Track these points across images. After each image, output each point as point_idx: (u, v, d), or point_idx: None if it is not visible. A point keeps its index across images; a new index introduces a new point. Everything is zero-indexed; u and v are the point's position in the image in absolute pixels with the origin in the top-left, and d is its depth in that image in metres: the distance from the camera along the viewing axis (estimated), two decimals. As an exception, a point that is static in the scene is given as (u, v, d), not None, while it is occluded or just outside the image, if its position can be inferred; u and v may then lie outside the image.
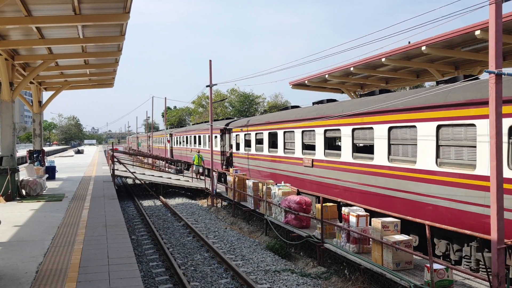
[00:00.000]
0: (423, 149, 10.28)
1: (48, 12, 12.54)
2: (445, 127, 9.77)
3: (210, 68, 21.96)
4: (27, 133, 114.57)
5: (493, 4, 6.61)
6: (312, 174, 15.46)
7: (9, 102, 16.23)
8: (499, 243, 6.70)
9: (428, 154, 10.14)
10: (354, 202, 11.18)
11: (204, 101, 68.63)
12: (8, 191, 15.71)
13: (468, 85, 9.37)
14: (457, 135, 9.53)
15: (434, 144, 9.95)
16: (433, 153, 9.97)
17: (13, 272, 7.56)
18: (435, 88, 10.40)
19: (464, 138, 9.30)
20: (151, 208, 21.92)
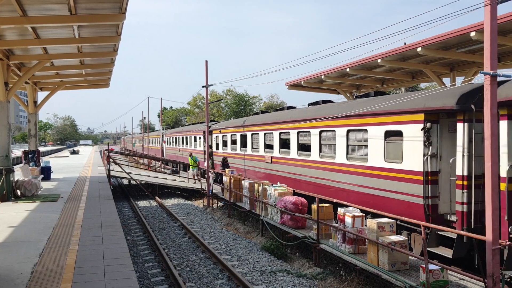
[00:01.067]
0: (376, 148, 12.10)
1: (43, 12, 12.50)
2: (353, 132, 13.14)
3: (206, 69, 21.95)
4: (22, 134, 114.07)
5: (488, 6, 6.65)
6: (273, 169, 18.47)
7: (4, 102, 16.16)
8: (494, 244, 6.74)
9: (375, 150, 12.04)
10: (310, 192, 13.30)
11: (200, 102, 68.60)
12: (3, 191, 15.64)
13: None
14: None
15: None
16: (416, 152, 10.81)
17: (8, 273, 7.52)
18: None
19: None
20: (146, 208, 21.88)
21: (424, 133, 10.34)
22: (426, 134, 10.32)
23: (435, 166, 10.36)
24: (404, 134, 11.04)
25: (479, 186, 9.03)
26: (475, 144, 9.57)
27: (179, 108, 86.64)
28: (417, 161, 10.57)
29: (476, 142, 9.56)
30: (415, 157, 10.65)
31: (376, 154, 12.08)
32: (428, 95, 10.49)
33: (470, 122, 9.72)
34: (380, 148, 11.91)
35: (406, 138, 10.98)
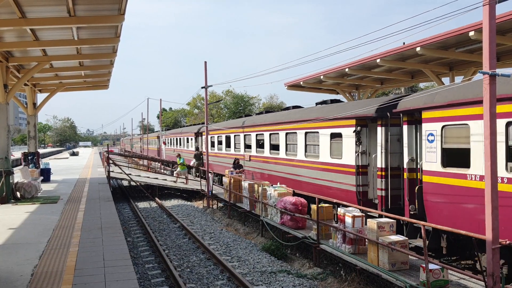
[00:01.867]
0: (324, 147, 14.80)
1: (42, 13, 12.49)
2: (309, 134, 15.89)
3: (205, 70, 21.96)
4: (22, 135, 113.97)
5: (487, 5, 6.66)
6: (251, 166, 21.40)
7: (3, 104, 16.16)
8: (494, 243, 6.74)
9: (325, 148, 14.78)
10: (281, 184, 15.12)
11: (199, 103, 68.61)
12: (3, 193, 15.64)
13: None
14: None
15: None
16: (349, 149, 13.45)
17: (8, 275, 7.52)
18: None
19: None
20: (146, 210, 21.87)
21: (356, 135, 13.00)
22: (357, 136, 12.99)
23: (364, 161, 13.03)
24: (343, 135, 13.70)
25: (393, 176, 11.93)
26: (390, 143, 12.10)
27: (179, 109, 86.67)
28: (351, 157, 13.23)
29: (391, 142, 12.13)
30: (350, 153, 13.29)
31: (324, 152, 14.80)
32: (359, 104, 13.40)
33: (386, 126, 12.17)
34: (327, 147, 14.64)
35: (344, 139, 13.65)
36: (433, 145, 10.16)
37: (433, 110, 10.11)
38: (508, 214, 8.24)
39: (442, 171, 9.87)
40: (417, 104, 10.63)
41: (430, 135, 10.24)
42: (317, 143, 15.36)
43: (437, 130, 10.02)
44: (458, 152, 9.67)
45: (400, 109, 11.18)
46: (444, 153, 9.93)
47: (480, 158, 8.64)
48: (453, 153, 9.89)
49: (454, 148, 9.80)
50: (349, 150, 13.37)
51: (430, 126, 10.25)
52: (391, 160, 12.07)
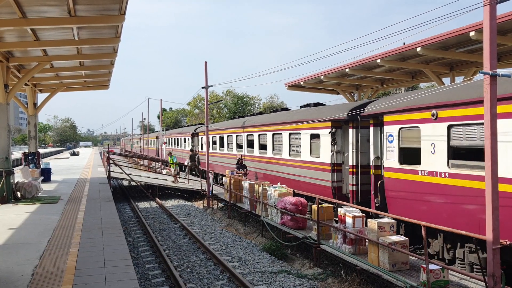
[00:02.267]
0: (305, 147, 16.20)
1: (43, 13, 12.50)
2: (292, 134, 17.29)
3: (205, 70, 21.96)
4: (22, 135, 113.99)
5: (488, 6, 6.65)
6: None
7: (4, 104, 16.17)
8: (495, 243, 6.74)
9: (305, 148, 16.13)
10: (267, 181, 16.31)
11: (200, 103, 68.61)
12: (3, 193, 15.65)
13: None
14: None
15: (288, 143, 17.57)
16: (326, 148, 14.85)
17: (8, 275, 7.52)
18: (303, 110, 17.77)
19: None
20: (147, 210, 21.88)
21: (331, 136, 14.39)
22: (333, 136, 14.39)
23: (339, 159, 14.41)
24: (321, 136, 15.04)
25: (363, 173, 13.31)
26: (361, 143, 13.49)
27: (179, 109, 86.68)
28: (327, 155, 14.62)
29: (361, 142, 13.50)
30: (326, 153, 14.68)
31: (305, 151, 16.13)
32: (334, 108, 15.01)
33: (357, 128, 13.53)
34: (308, 146, 15.93)
35: (322, 139, 14.98)
36: (392, 145, 11.47)
37: (392, 114, 11.44)
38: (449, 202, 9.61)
39: (399, 168, 11.19)
40: (380, 109, 12.02)
41: (390, 136, 11.60)
42: (299, 143, 16.74)
43: (395, 132, 11.34)
44: (411, 151, 10.91)
45: (367, 113, 12.56)
46: (401, 152, 11.23)
47: (428, 156, 10.18)
48: (408, 152, 11.12)
49: (409, 147, 11.01)
50: (325, 150, 14.79)
51: (389, 128, 11.58)
52: (361, 158, 13.54)
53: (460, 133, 9.48)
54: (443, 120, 9.72)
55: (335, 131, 14.41)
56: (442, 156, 9.70)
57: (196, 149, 31.99)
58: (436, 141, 9.94)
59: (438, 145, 9.90)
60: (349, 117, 13.48)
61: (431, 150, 10.08)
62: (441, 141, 9.74)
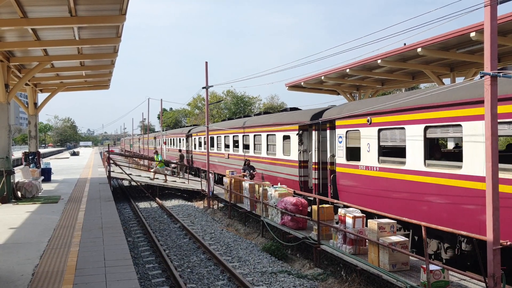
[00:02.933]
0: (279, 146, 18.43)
1: (43, 13, 12.50)
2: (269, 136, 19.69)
3: (206, 70, 21.96)
4: (23, 135, 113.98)
5: (488, 6, 6.65)
6: (229, 163, 24.60)
7: (5, 104, 16.17)
8: (495, 244, 6.74)
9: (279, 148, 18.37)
10: None
11: (200, 103, 68.60)
12: (4, 193, 15.64)
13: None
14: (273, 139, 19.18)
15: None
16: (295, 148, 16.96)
17: (9, 274, 7.53)
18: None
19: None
20: (147, 210, 21.88)
21: (299, 137, 16.51)
22: (300, 138, 16.48)
23: (305, 157, 16.46)
24: (291, 137, 17.20)
25: (324, 169, 15.46)
26: (322, 144, 15.58)
27: (179, 109, 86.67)
28: (296, 154, 16.73)
29: (322, 142, 15.60)
30: (295, 151, 16.79)
31: (279, 150, 18.33)
32: (302, 113, 17.20)
33: (318, 131, 15.65)
34: (281, 146, 18.12)
35: (291, 140, 17.14)
36: (341, 145, 13.81)
37: (341, 119, 13.76)
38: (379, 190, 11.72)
39: (346, 163, 13.46)
40: (333, 115, 14.34)
41: (340, 138, 13.91)
42: (274, 143, 19.01)
43: (344, 134, 13.66)
44: (355, 150, 13.14)
45: (324, 119, 14.80)
46: (348, 151, 13.51)
47: (365, 154, 12.47)
48: (352, 150, 13.35)
49: (353, 147, 13.24)
50: (294, 149, 16.91)
51: (340, 131, 13.91)
52: (322, 156, 15.65)
53: (387, 135, 11.73)
54: (375, 125, 12.06)
55: (302, 133, 16.53)
56: (374, 153, 12.06)
57: (190, 148, 34.62)
58: (371, 141, 12.22)
59: (372, 145, 12.21)
60: (312, 121, 15.76)
61: (367, 149, 12.40)
62: (374, 141, 12.08)
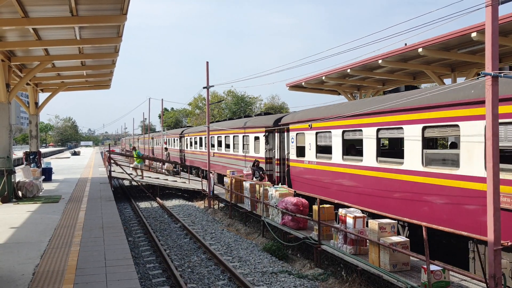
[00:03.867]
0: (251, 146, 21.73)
1: (45, 13, 12.51)
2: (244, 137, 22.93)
3: (207, 70, 21.97)
4: (23, 135, 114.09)
5: (490, 7, 6.65)
6: (215, 160, 27.10)
7: (6, 103, 16.19)
8: (496, 244, 6.73)
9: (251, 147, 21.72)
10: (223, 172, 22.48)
11: (201, 103, 68.59)
12: (5, 192, 15.66)
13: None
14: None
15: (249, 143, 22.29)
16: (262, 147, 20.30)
17: (10, 274, 7.53)
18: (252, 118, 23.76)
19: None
20: (148, 209, 21.89)
21: (265, 138, 19.82)
22: (266, 138, 19.80)
23: (271, 154, 19.88)
24: (260, 138, 20.50)
25: (283, 164, 19.04)
26: (281, 144, 19.15)
27: (180, 109, 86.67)
28: (263, 152, 20.08)
29: (282, 142, 19.19)
30: (263, 150, 20.16)
31: (252, 149, 21.61)
32: (268, 119, 20.75)
33: (280, 133, 19.23)
34: (253, 146, 21.44)
35: (260, 140, 20.45)
36: (293, 144, 17.33)
37: (293, 124, 17.46)
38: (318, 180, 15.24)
39: (296, 159, 17.05)
40: (287, 121, 18.14)
41: (292, 139, 17.45)
42: (248, 143, 22.10)
43: (294, 136, 17.20)
44: (302, 148, 16.65)
45: (282, 123, 18.61)
46: (297, 149, 17.00)
47: (308, 151, 16.09)
48: (300, 149, 16.78)
49: (300, 146, 16.72)
50: (262, 148, 20.23)
51: (292, 134, 17.47)
52: (282, 154, 19.19)
53: (321, 137, 15.24)
54: (314, 129, 15.57)
55: (268, 135, 19.83)
56: (313, 151, 15.63)
57: (183, 148, 38.34)
58: (311, 142, 15.76)
59: (312, 144, 15.80)
60: (274, 125, 19.23)
61: (309, 147, 16.01)
62: (313, 142, 15.63)
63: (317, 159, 15.23)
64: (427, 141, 10.97)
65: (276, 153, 19.25)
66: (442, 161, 10.53)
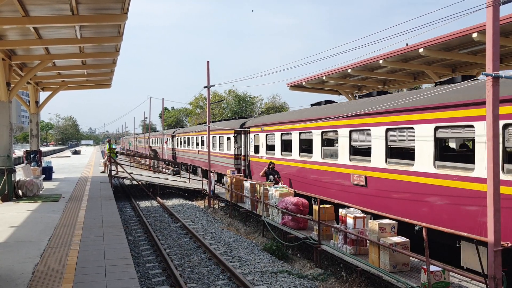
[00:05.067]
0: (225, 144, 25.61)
1: (45, 12, 12.51)
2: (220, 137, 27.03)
3: (207, 69, 21.96)
4: (24, 133, 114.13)
5: (491, 7, 6.63)
6: (198, 158, 32.14)
7: (6, 102, 16.19)
8: (496, 245, 6.72)
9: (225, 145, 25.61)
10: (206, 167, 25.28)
11: (202, 102, 68.61)
12: (5, 191, 15.66)
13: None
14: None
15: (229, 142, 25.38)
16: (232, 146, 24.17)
17: (9, 273, 7.53)
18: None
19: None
20: (148, 209, 21.89)
21: (234, 138, 23.55)
22: (235, 139, 23.51)
23: (239, 152, 23.45)
24: (230, 138, 24.27)
25: (243, 159, 22.99)
26: (246, 143, 22.70)
27: (181, 108, 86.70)
28: (232, 150, 23.93)
29: (247, 142, 22.60)
30: (232, 148, 23.97)
31: (225, 148, 25.45)
32: (238, 122, 24.31)
33: (245, 134, 22.87)
34: (225, 145, 25.30)
35: (231, 140, 24.20)
36: (252, 143, 21.51)
37: (252, 128, 21.61)
38: None
39: (253, 155, 21.30)
40: (249, 125, 22.21)
41: (251, 139, 21.67)
42: (223, 142, 25.91)
43: (253, 137, 21.48)
44: (257, 147, 20.72)
45: (245, 126, 22.71)
46: (255, 147, 21.09)
47: (261, 149, 20.12)
48: (256, 147, 20.92)
49: (257, 145, 20.84)
50: (232, 146, 23.99)
51: (251, 135, 21.71)
52: (246, 151, 22.85)
53: (270, 138, 19.31)
54: (265, 132, 19.83)
55: (236, 136, 23.44)
56: (264, 149, 19.83)
57: (174, 146, 42.70)
58: (263, 141, 19.97)
59: (263, 143, 19.97)
60: (240, 128, 23.21)
61: (262, 146, 20.13)
62: (264, 141, 19.90)
63: (267, 155, 19.49)
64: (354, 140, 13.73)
65: (242, 151, 23.17)
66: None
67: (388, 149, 11.67)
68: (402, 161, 11.27)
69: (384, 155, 11.64)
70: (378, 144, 11.93)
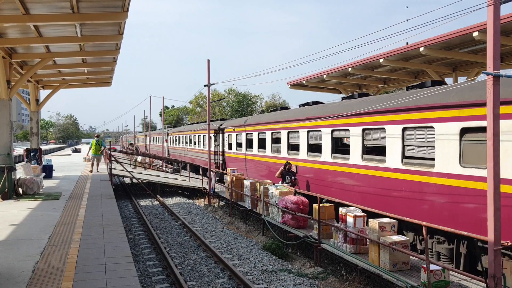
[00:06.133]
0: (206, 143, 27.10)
1: (46, 10, 12.49)
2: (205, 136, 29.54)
3: (208, 68, 21.95)
4: (24, 132, 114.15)
5: (492, 6, 6.62)
6: (187, 155, 35.31)
7: (6, 100, 16.17)
8: (496, 244, 6.72)
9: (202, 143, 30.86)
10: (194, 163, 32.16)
11: (202, 101, 68.57)
12: (5, 189, 15.65)
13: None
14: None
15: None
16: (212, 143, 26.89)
17: (9, 271, 7.53)
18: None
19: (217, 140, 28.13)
20: (148, 207, 21.90)
21: (215, 137, 26.68)
22: (216, 137, 26.71)
23: (218, 149, 26.61)
24: (212, 137, 26.13)
25: (221, 154, 26.42)
26: (224, 141, 25.73)
27: (181, 107, 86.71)
28: (212, 147, 26.15)
29: (224, 140, 25.76)
30: (213, 145, 26.36)
31: (206, 145, 26.84)
32: (218, 122, 27.80)
33: (222, 133, 25.98)
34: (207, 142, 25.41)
35: (212, 139, 26.42)
36: (226, 142, 25.16)
37: (227, 128, 25.04)
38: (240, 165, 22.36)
39: (228, 151, 24.90)
40: (224, 126, 25.44)
41: (226, 138, 25.18)
42: (205, 141, 28.41)
43: (227, 136, 25.05)
44: (231, 144, 24.34)
45: (222, 127, 25.85)
46: (228, 145, 24.81)
47: (233, 146, 23.82)
48: (230, 145, 24.54)
49: (230, 142, 24.48)
50: (213, 144, 26.43)
51: (226, 135, 25.26)
52: (223, 148, 25.96)
53: (239, 136, 22.74)
54: (236, 132, 23.37)
55: (216, 135, 26.68)
56: (235, 146, 23.46)
57: (168, 144, 45.73)
58: (234, 140, 23.59)
59: (234, 141, 23.64)
60: (219, 128, 26.29)
61: (233, 143, 23.78)
62: (234, 140, 23.54)
63: (236, 151, 23.13)
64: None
65: (220, 148, 26.58)
66: None
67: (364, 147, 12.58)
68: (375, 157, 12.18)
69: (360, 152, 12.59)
70: (355, 142, 12.79)
